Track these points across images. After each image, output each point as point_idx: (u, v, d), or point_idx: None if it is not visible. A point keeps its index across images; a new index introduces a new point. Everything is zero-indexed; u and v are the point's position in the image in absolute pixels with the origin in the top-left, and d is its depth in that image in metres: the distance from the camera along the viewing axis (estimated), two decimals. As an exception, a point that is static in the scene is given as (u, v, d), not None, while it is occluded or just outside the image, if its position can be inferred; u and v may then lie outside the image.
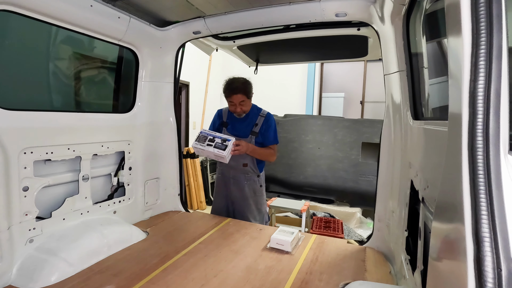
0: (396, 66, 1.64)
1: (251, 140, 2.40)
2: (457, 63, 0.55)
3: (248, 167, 2.44)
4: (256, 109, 2.51)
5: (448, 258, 0.60)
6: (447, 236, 0.60)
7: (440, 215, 0.64)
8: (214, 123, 2.58)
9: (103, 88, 2.55)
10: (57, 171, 1.85)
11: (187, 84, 5.51)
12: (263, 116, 2.46)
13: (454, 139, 0.55)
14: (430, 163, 1.01)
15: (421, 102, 1.48)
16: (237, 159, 2.41)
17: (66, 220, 1.86)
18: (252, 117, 2.46)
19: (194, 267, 1.68)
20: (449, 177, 0.59)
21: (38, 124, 1.69)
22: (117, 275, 1.58)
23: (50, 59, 2.15)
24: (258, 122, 2.43)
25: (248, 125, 2.44)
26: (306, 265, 1.75)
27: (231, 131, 2.46)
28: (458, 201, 0.50)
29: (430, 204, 0.98)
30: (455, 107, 0.56)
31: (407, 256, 1.43)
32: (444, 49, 1.38)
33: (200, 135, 2.14)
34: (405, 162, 1.59)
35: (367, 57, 3.21)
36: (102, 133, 2.09)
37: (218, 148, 2.05)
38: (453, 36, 0.57)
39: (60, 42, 2.16)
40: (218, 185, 2.59)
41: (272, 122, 2.47)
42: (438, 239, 0.66)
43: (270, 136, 2.44)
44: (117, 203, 2.24)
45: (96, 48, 2.39)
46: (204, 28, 2.27)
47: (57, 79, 2.21)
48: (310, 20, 2.04)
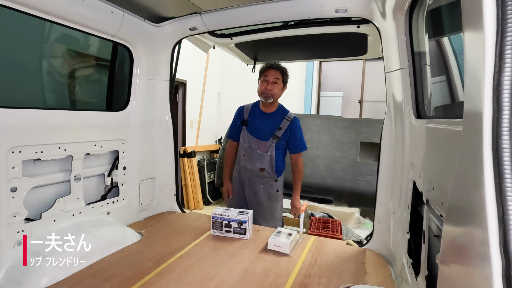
0: (398, 63, 1.59)
1: (271, 144, 2.28)
2: (476, 54, 0.50)
3: (265, 171, 2.33)
4: (282, 110, 2.37)
5: (464, 267, 0.55)
6: (462, 243, 0.55)
7: (453, 220, 0.60)
8: (236, 121, 2.49)
9: (95, 85, 2.48)
10: (48, 171, 1.79)
11: (184, 82, 5.45)
12: (288, 120, 2.31)
13: (471, 138, 0.50)
14: (436, 164, 0.96)
15: (424, 100, 1.44)
16: (254, 162, 2.32)
17: (56, 222, 1.79)
18: (277, 118, 2.33)
19: (189, 271, 1.63)
20: (465, 180, 0.54)
21: (27, 122, 1.62)
22: (110, 279, 1.52)
23: (40, 55, 2.09)
24: (282, 126, 2.30)
25: (270, 126, 2.31)
26: (304, 268, 1.70)
27: (250, 131, 2.34)
28: (478, 207, 0.45)
29: (436, 207, 0.93)
30: (473, 104, 0.50)
31: (409, 259, 1.39)
32: (451, 44, 1.34)
33: (214, 221, 2.09)
34: (406, 162, 1.54)
35: (366, 56, 3.17)
36: (95, 132, 2.03)
37: (238, 233, 2.05)
38: (471, 24, 0.52)
39: (51, 37, 2.09)
40: (235, 184, 2.52)
41: (299, 128, 2.35)
42: (450, 245, 0.61)
43: (298, 143, 2.36)
44: (110, 204, 2.18)
45: (89, 43, 2.33)
46: (200, 25, 2.21)
47: (47, 76, 2.14)
48: (309, 17, 1.98)
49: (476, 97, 0.48)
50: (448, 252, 0.62)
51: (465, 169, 0.54)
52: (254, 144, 2.31)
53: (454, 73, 1.15)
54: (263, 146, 2.29)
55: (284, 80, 2.30)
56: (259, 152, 2.30)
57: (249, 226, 2.05)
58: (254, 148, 2.31)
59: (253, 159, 2.31)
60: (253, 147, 2.31)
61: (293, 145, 2.33)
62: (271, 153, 2.29)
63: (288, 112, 2.37)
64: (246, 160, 2.37)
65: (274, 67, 2.25)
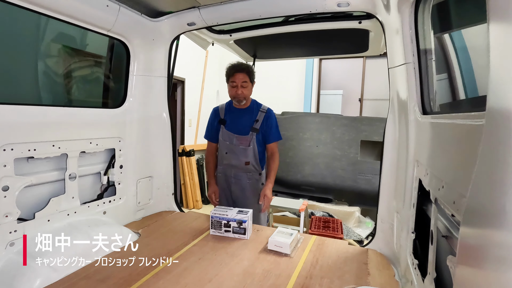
0: (403, 58, 1.54)
1: (252, 137, 2.29)
2: (504, 47, 0.45)
3: (250, 165, 2.33)
4: (256, 104, 2.40)
5: (483, 271, 0.51)
6: (482, 246, 0.51)
7: (471, 221, 0.55)
8: (212, 122, 2.45)
9: (91, 82, 2.43)
10: (41, 170, 1.74)
11: (182, 80, 5.39)
12: (263, 112, 2.35)
13: (496, 135, 0.46)
14: (446, 161, 0.92)
15: (430, 96, 1.39)
16: (239, 157, 2.32)
17: (51, 222, 1.74)
18: (252, 112, 2.35)
19: (188, 271, 1.58)
20: (486, 179, 0.50)
21: (20, 118, 1.57)
22: (105, 281, 1.47)
23: (34, 50, 2.03)
24: (259, 118, 2.33)
25: (247, 120, 2.33)
26: (306, 269, 1.65)
27: (230, 128, 2.34)
28: (502, 209, 0.40)
29: (446, 206, 0.88)
30: (500, 98, 0.46)
31: (414, 260, 1.35)
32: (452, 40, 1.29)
33: (213, 220, 2.05)
34: (411, 160, 1.50)
35: (368, 52, 3.12)
36: (90, 129, 1.97)
37: (238, 233, 2.01)
38: (498, 14, 0.48)
39: (45, 31, 2.04)
40: (220, 185, 2.48)
41: (274, 118, 2.37)
42: (468, 247, 0.56)
43: (273, 133, 2.35)
44: (107, 203, 2.13)
45: (85, 39, 2.27)
46: (199, 20, 2.16)
47: (41, 72, 2.09)
48: (310, 11, 1.93)
49: (504, 91, 0.44)
50: (466, 255, 0.58)
51: (487, 168, 0.50)
52: (235, 140, 2.32)
53: (463, 68, 1.11)
54: (244, 140, 2.30)
55: (252, 80, 2.30)
56: (242, 146, 2.31)
57: (248, 225, 2.01)
58: (235, 144, 2.32)
59: (237, 154, 2.32)
60: (235, 143, 2.32)
61: (269, 134, 2.33)
62: (253, 146, 2.30)
63: (261, 105, 2.41)
64: (229, 157, 2.36)
65: (239, 69, 2.23)
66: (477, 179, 0.53)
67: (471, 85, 1.11)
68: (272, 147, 2.37)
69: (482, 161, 0.51)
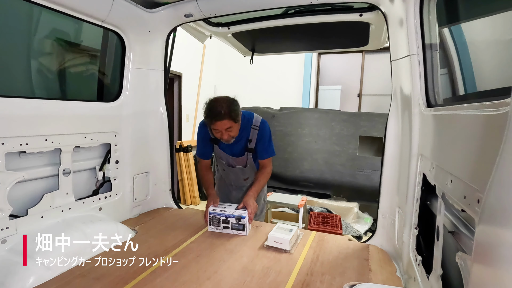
0: (406, 49, 1.50)
1: (247, 157, 2.16)
2: None
3: (249, 179, 2.28)
4: (247, 121, 2.09)
5: (503, 270, 0.47)
6: (502, 244, 0.47)
7: (490, 219, 0.51)
8: (203, 140, 2.19)
9: (85, 74, 2.37)
10: (34, 165, 1.68)
11: (179, 75, 5.32)
12: (256, 129, 2.09)
13: None
14: (455, 154, 0.88)
15: (435, 88, 1.35)
16: (238, 175, 2.26)
17: (44, 218, 1.69)
18: (244, 132, 2.09)
19: (186, 269, 1.54)
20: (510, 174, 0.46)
21: (10, 111, 1.51)
22: (100, 279, 1.43)
23: (26, 41, 1.96)
24: (252, 137, 2.10)
25: (241, 141, 2.12)
26: (306, 265, 1.62)
27: (224, 149, 2.17)
28: None
29: (456, 201, 0.85)
30: None
31: (418, 256, 1.32)
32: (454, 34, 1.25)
33: (211, 216, 2.00)
34: (415, 154, 1.46)
35: (368, 47, 3.07)
36: (85, 123, 1.92)
37: (237, 229, 1.98)
38: None
39: (37, 21, 1.97)
40: (219, 187, 2.43)
41: (267, 132, 2.12)
42: (485, 246, 0.53)
43: (265, 149, 2.12)
44: (102, 199, 2.08)
45: (79, 30, 2.21)
46: (196, 11, 2.10)
47: (34, 63, 2.02)
48: (311, 2, 1.88)
49: None
50: (483, 254, 0.54)
51: (511, 162, 0.46)
52: (231, 160, 2.20)
53: (473, 59, 1.07)
54: (240, 160, 2.19)
55: (237, 120, 1.91)
56: (239, 166, 2.23)
57: (247, 221, 1.97)
58: (232, 165, 2.23)
59: (236, 172, 2.25)
60: (231, 163, 2.22)
61: (261, 151, 2.12)
62: (250, 164, 2.21)
63: (252, 120, 2.11)
64: (227, 174, 2.30)
65: (218, 117, 1.83)
66: (499, 174, 0.49)
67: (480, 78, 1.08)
68: (265, 162, 2.18)
69: (505, 155, 0.47)
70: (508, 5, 0.95)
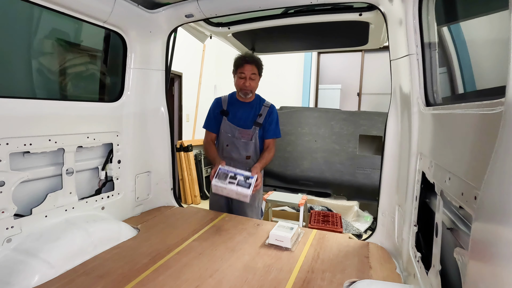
0: (406, 49, 1.51)
1: (254, 132, 2.25)
2: None
3: (250, 159, 2.30)
4: (259, 99, 2.37)
5: (497, 266, 0.49)
6: (497, 241, 0.49)
7: (486, 216, 0.53)
8: (213, 112, 2.35)
9: (87, 75, 2.38)
10: (37, 164, 1.70)
11: (179, 75, 5.33)
12: (267, 107, 2.32)
13: None
14: (453, 152, 0.90)
15: (434, 87, 1.37)
16: (239, 151, 2.28)
17: (48, 218, 1.71)
18: (256, 106, 2.31)
19: (188, 267, 1.56)
20: (504, 171, 0.47)
21: (15, 112, 1.53)
22: (103, 277, 1.45)
23: (27, 41, 1.98)
24: (262, 113, 2.29)
25: (251, 114, 2.28)
26: (307, 263, 1.64)
27: (232, 120, 2.29)
28: None
29: (454, 198, 0.87)
30: None
31: (417, 253, 1.34)
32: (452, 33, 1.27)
33: (220, 172, 1.95)
34: (414, 152, 1.48)
35: (367, 46, 3.09)
36: (87, 124, 1.94)
37: (242, 186, 1.90)
38: None
39: (39, 22, 1.99)
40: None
41: (276, 115, 2.34)
42: (481, 242, 0.54)
43: (273, 129, 2.30)
44: (105, 199, 2.10)
45: (81, 31, 2.22)
46: (197, 11, 2.11)
47: (36, 65, 2.04)
48: (311, 2, 1.89)
49: None
50: (479, 250, 0.56)
51: (505, 160, 0.47)
52: (237, 132, 2.27)
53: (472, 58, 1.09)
54: (247, 133, 2.27)
55: (260, 73, 2.25)
56: (243, 140, 2.27)
57: (253, 184, 1.92)
58: (237, 137, 2.27)
59: (238, 147, 2.27)
60: (236, 136, 2.27)
61: (268, 130, 2.29)
62: (255, 140, 2.27)
63: (265, 100, 2.38)
64: (230, 149, 2.30)
65: (249, 61, 2.18)
66: (493, 171, 0.51)
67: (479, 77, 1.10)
68: (269, 142, 2.32)
69: (500, 153, 0.49)
70: (506, 4, 0.97)
